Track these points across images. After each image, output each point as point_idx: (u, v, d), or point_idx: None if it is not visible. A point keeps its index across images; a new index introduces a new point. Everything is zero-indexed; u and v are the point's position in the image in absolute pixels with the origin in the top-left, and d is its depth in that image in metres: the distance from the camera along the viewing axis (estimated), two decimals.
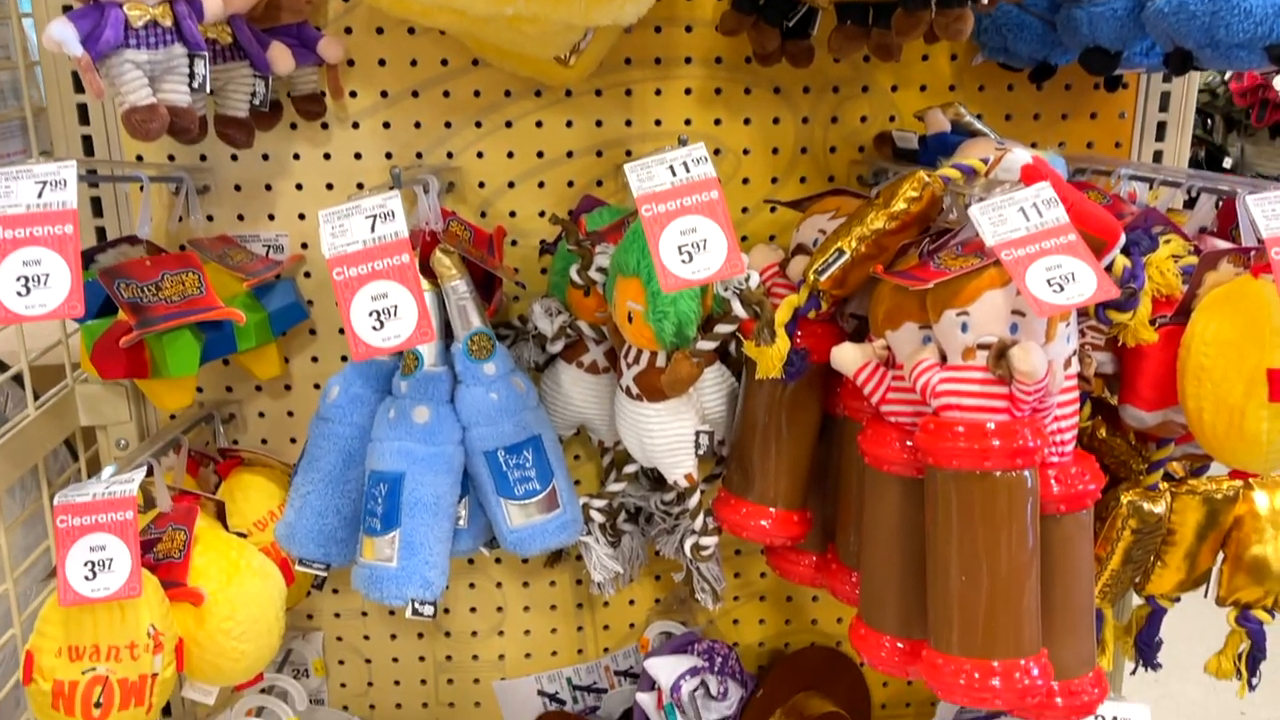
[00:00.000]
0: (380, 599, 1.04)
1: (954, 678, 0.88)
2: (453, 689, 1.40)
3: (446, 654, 1.38)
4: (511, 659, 1.39)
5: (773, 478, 1.10)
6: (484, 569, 1.35)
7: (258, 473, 1.21)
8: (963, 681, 0.87)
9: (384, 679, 1.39)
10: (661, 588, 1.39)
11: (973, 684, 0.87)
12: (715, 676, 1.25)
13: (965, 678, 0.87)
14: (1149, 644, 1.15)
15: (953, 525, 0.88)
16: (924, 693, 1.45)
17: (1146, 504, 1.04)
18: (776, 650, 1.42)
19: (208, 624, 1.01)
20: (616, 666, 1.41)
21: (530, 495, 1.11)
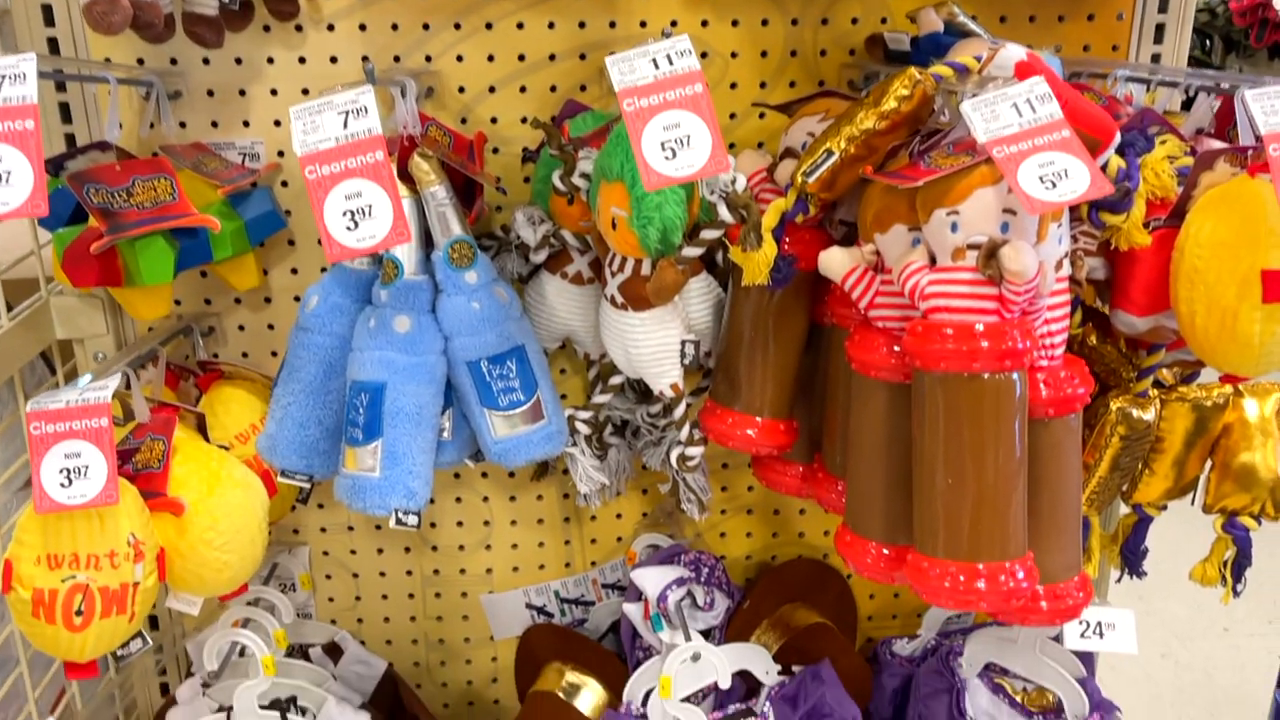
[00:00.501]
0: (363, 509, 1.03)
1: (939, 581, 0.88)
2: (440, 603, 1.40)
3: (434, 568, 1.38)
4: (499, 572, 1.39)
5: (759, 387, 1.09)
6: (470, 483, 1.34)
7: (239, 386, 1.20)
8: (948, 584, 0.87)
9: (371, 593, 1.39)
10: (649, 501, 1.38)
11: (958, 587, 0.87)
12: (702, 587, 1.25)
13: (950, 580, 0.87)
14: (1135, 552, 1.15)
15: (939, 429, 0.87)
16: (910, 604, 1.46)
17: (1135, 411, 1.03)
18: (763, 563, 1.42)
19: (189, 534, 1.00)
20: (604, 580, 1.41)
21: (514, 406, 1.10)
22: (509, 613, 1.41)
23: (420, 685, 1.44)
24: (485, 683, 1.46)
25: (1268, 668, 2.73)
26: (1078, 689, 1.17)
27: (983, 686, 1.28)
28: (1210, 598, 2.78)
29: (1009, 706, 1.26)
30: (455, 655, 1.44)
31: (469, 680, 1.45)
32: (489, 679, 1.45)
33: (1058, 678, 1.19)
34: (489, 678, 1.45)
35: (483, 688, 1.46)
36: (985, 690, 1.27)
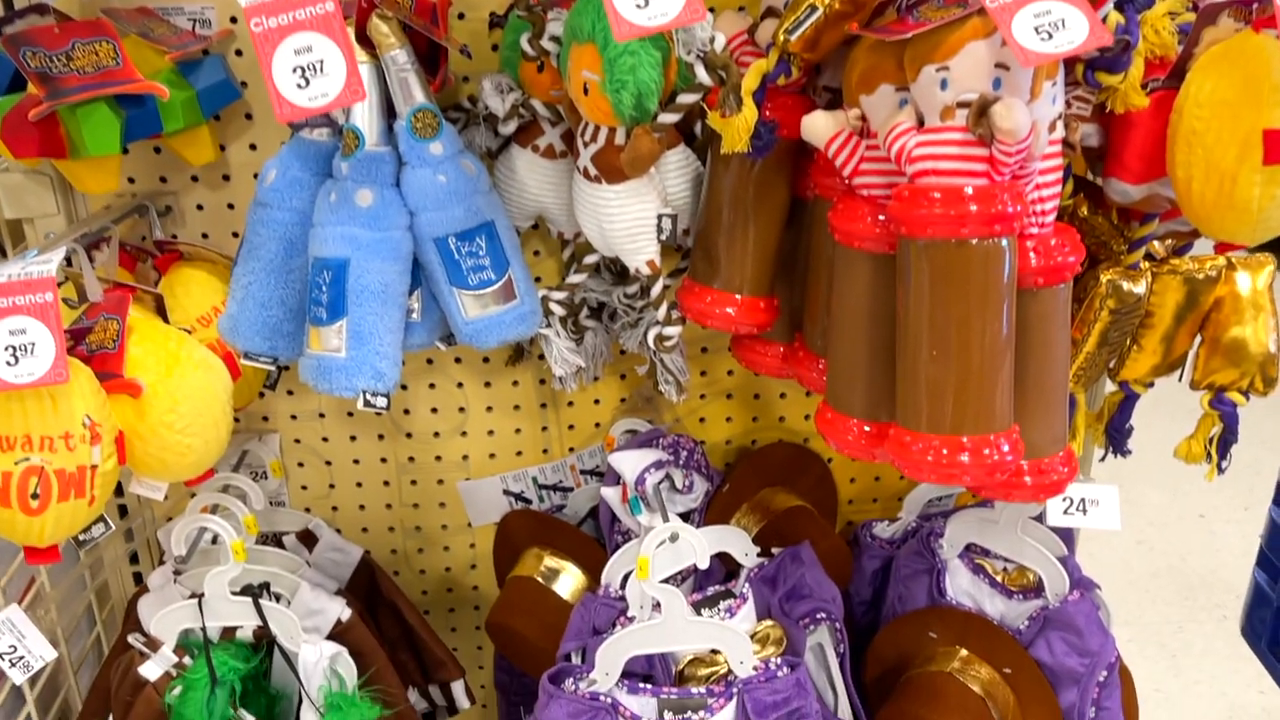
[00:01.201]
0: (329, 390, 1.00)
1: (921, 455, 0.85)
2: (416, 490, 1.38)
3: (409, 455, 1.36)
4: (475, 459, 1.37)
5: (739, 263, 1.05)
6: (444, 369, 1.31)
7: (199, 267, 1.15)
8: (930, 458, 0.85)
9: (345, 481, 1.37)
10: (627, 386, 1.35)
11: (940, 461, 0.85)
12: (680, 470, 1.23)
13: (933, 455, 0.85)
14: (1120, 430, 1.14)
15: (925, 299, 0.84)
16: (891, 487, 1.44)
17: (1126, 283, 1.00)
18: (743, 448, 1.41)
19: (149, 417, 0.97)
20: (582, 465, 1.39)
21: (485, 285, 1.06)
22: (486, 499, 1.39)
23: (398, 573, 1.43)
24: (464, 569, 1.45)
25: (1241, 552, 2.78)
26: (1058, 567, 1.17)
27: (963, 567, 1.27)
28: (1187, 485, 2.82)
29: (989, 586, 1.25)
30: (433, 542, 1.42)
31: (447, 567, 1.44)
32: (467, 565, 1.44)
33: (1039, 557, 1.18)
34: (467, 564, 1.44)
35: (461, 574, 1.45)
36: (966, 571, 1.27)
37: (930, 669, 1.23)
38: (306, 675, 1.12)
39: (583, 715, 1.03)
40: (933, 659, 1.24)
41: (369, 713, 1.12)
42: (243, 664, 1.14)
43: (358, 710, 1.11)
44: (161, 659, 1.10)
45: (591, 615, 1.16)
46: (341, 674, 1.13)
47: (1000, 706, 1.19)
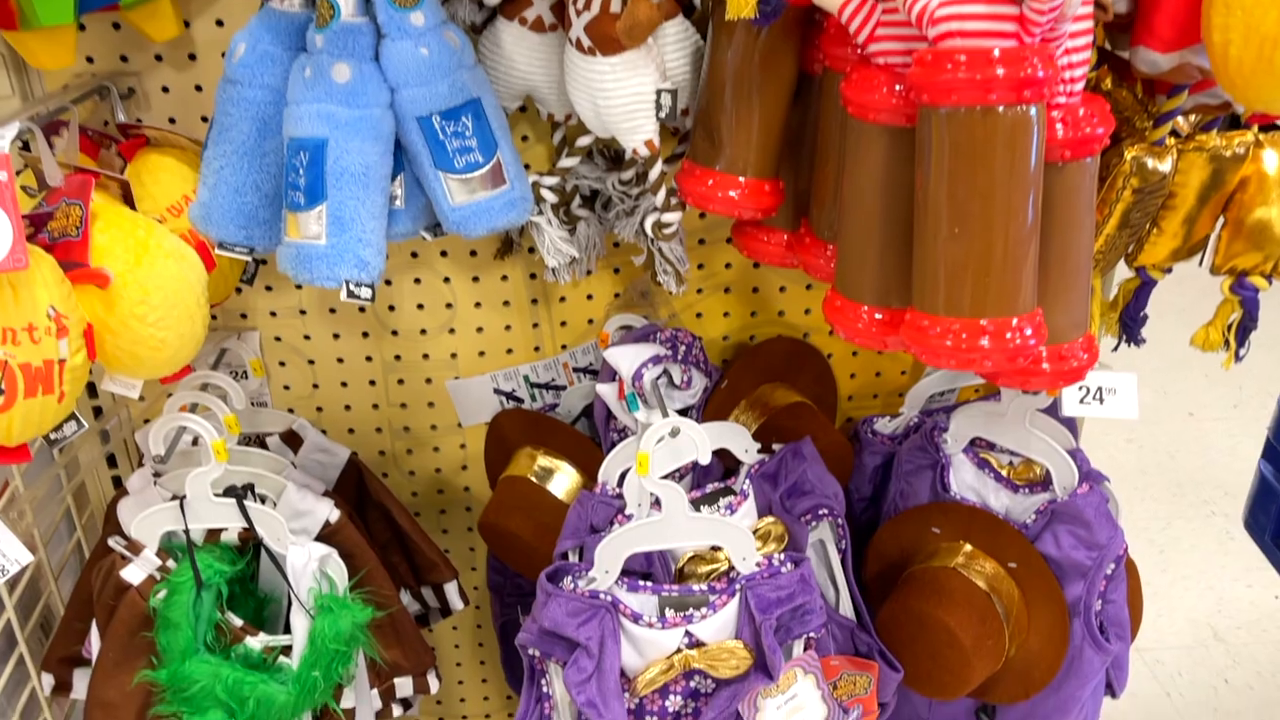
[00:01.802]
0: (310, 280, 0.95)
1: (940, 339, 0.81)
2: (404, 389, 1.34)
3: (395, 354, 1.31)
4: (464, 357, 1.32)
5: (742, 143, 0.99)
6: (430, 263, 1.25)
7: (167, 153, 1.08)
8: (949, 343, 0.81)
9: (329, 380, 1.32)
10: (620, 281, 1.30)
11: (960, 345, 0.80)
12: (679, 365, 1.19)
13: (952, 339, 0.80)
14: (1135, 319, 1.10)
15: (946, 173, 0.78)
16: (892, 383, 1.41)
17: (1151, 160, 0.94)
18: (741, 344, 1.36)
19: (118, 309, 0.91)
20: (575, 363, 1.34)
21: (472, 169, 1.00)
22: (476, 399, 1.35)
23: (386, 474, 1.39)
24: (454, 470, 1.41)
25: (1229, 450, 2.78)
26: (1067, 460, 1.14)
27: (967, 461, 1.24)
28: (1176, 383, 2.78)
29: (994, 481, 1.23)
30: (422, 443, 1.38)
31: (437, 468, 1.40)
32: (458, 466, 1.41)
33: (1047, 449, 1.15)
34: (458, 465, 1.40)
35: (452, 475, 1.41)
36: (970, 465, 1.24)
37: (934, 564, 1.21)
38: (295, 578, 1.08)
39: (582, 614, 1.01)
40: (936, 554, 1.22)
41: (361, 615, 1.09)
42: (228, 567, 1.10)
43: (349, 613, 1.08)
44: (144, 562, 1.06)
45: (589, 513, 1.12)
46: (332, 576, 1.10)
47: (1005, 601, 1.17)
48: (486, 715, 1.62)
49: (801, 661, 1.07)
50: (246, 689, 1.07)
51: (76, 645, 1.16)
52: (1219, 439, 2.82)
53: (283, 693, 1.07)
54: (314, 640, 1.07)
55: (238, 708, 1.07)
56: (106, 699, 1.07)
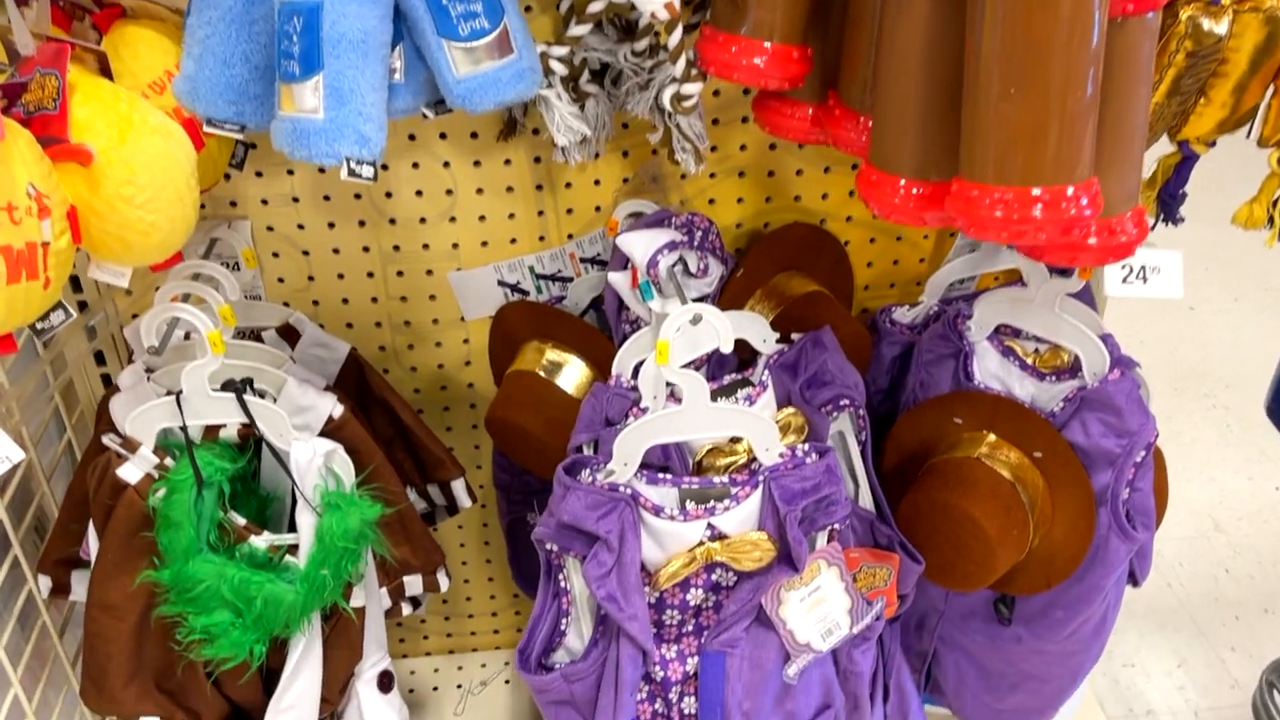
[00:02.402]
0: (308, 157, 0.88)
1: (990, 210, 0.76)
2: (403, 282, 1.28)
3: (394, 244, 1.25)
4: (466, 248, 1.26)
5: (768, 5, 0.92)
6: (428, 146, 1.19)
7: (145, 25, 1.00)
8: (999, 214, 0.76)
9: (325, 272, 1.26)
10: (630, 165, 1.24)
11: (1011, 215, 0.75)
12: (695, 252, 1.13)
13: (1004, 209, 0.75)
14: (1174, 196, 1.05)
15: (1002, 23, 0.72)
16: (909, 271, 1.36)
17: (1207, 21, 0.88)
18: (755, 232, 1.31)
19: (103, 189, 0.85)
20: (582, 253, 1.29)
21: (478, 36, 0.93)
22: (480, 291, 1.29)
23: (388, 371, 1.34)
24: (458, 365, 1.36)
25: (1230, 343, 2.76)
26: (1099, 345, 1.10)
27: (992, 349, 1.20)
28: None
29: (1019, 369, 1.19)
30: (424, 338, 1.33)
31: (440, 364, 1.36)
32: (462, 362, 1.36)
33: (1078, 334, 1.11)
34: (462, 360, 1.36)
35: (455, 371, 1.36)
36: (994, 353, 1.20)
37: (956, 455, 1.17)
38: (300, 474, 1.04)
39: (602, 507, 0.97)
40: (958, 445, 1.19)
41: (369, 511, 1.05)
42: (229, 464, 1.06)
43: (357, 509, 1.04)
44: (141, 460, 1.01)
45: (604, 406, 1.08)
46: (338, 472, 1.05)
47: (1030, 491, 1.14)
48: (493, 614, 1.60)
49: (825, 554, 1.05)
50: (253, 588, 1.03)
51: (73, 547, 1.12)
52: (1220, 332, 2.79)
53: (290, 592, 1.04)
54: (322, 538, 1.03)
55: (244, 608, 1.04)
56: (108, 600, 1.04)
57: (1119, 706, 1.79)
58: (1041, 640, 1.23)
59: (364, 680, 1.17)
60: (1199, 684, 1.84)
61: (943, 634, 1.33)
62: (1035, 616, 1.22)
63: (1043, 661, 1.26)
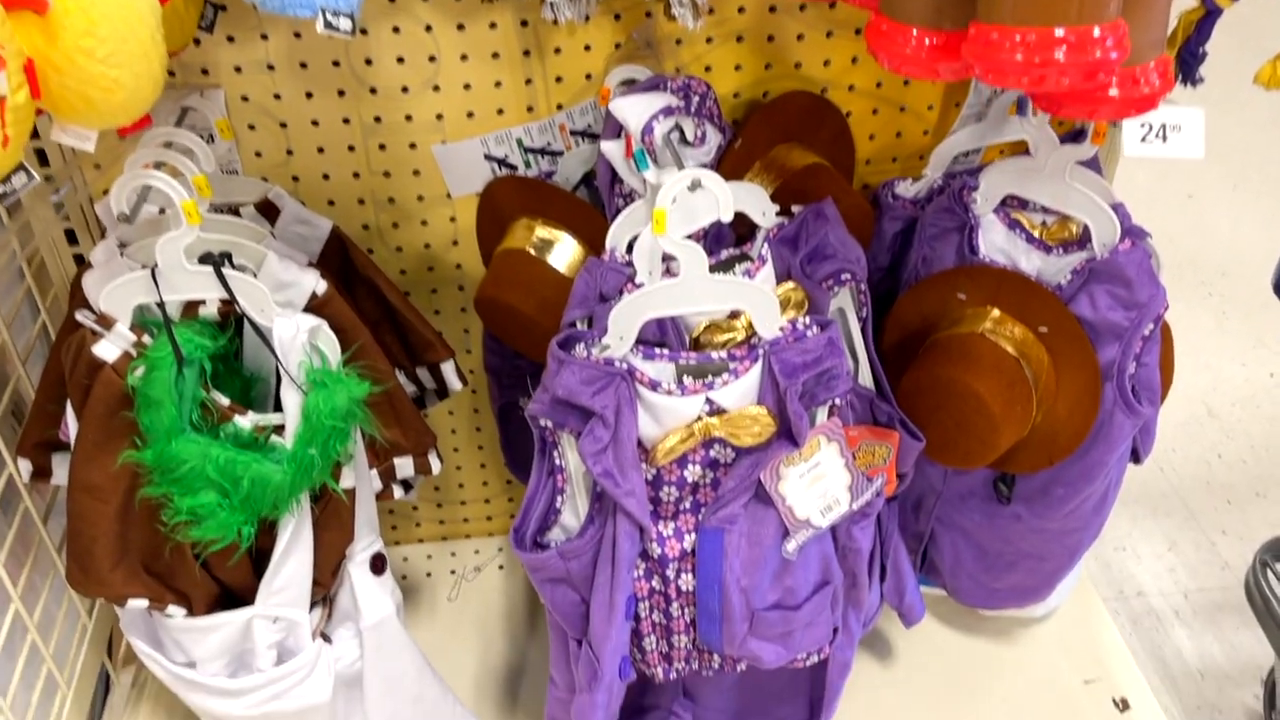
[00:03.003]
0: (280, 8, 0.83)
1: (1010, 54, 0.71)
2: (386, 156, 1.23)
3: (375, 115, 1.19)
4: (451, 119, 1.20)
5: None
6: (409, 9, 1.12)
7: None
8: (1020, 57, 0.71)
9: (304, 146, 1.21)
10: (622, 29, 1.17)
11: (1032, 59, 0.71)
12: (692, 119, 1.08)
13: (1024, 52, 0.71)
14: (1194, 54, 1.00)
15: None
16: (912, 144, 1.31)
17: None
18: (754, 101, 1.25)
19: (62, 40, 0.79)
20: (573, 125, 1.23)
21: None
22: (466, 165, 1.24)
23: (372, 250, 1.30)
24: (445, 245, 1.31)
25: (1228, 231, 2.73)
26: (1109, 214, 1.06)
27: (998, 222, 1.16)
28: (1177, 165, 2.69)
29: (1025, 242, 1.15)
30: (409, 216, 1.28)
31: (426, 243, 1.31)
32: (449, 241, 1.31)
33: (1088, 204, 1.07)
34: (448, 239, 1.31)
35: (442, 250, 1.32)
36: (1000, 226, 1.16)
37: (959, 331, 1.15)
38: (284, 352, 1.00)
39: (597, 381, 0.94)
40: (961, 320, 1.16)
41: (357, 389, 1.01)
42: (210, 342, 1.02)
43: (344, 386, 1.01)
44: (117, 337, 0.97)
45: (598, 281, 1.04)
46: (323, 349, 1.02)
47: (1034, 366, 1.12)
48: (486, 500, 1.59)
49: (825, 429, 1.02)
50: (239, 468, 1.00)
51: (52, 429, 1.09)
52: (1218, 221, 2.76)
53: (278, 472, 1.01)
54: (309, 417, 1.00)
55: (231, 488, 1.01)
56: (90, 482, 1.01)
57: (1109, 589, 1.81)
58: (1041, 519, 1.22)
59: (356, 563, 1.15)
60: (1189, 566, 1.85)
61: (940, 515, 1.32)
62: (1035, 494, 1.21)
63: (1041, 540, 1.25)
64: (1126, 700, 1.35)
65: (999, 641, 1.45)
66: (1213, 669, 1.68)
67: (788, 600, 1.07)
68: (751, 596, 1.04)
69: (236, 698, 1.13)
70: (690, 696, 1.18)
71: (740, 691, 1.20)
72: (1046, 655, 1.42)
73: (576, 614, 1.05)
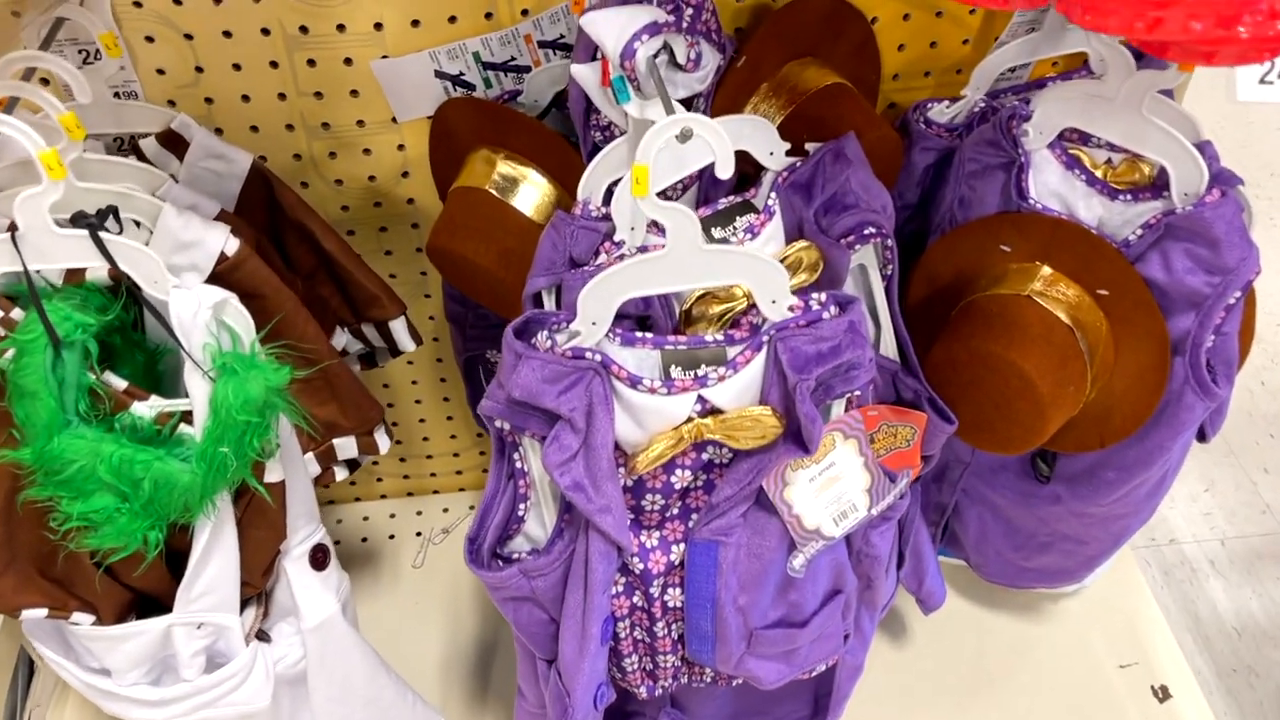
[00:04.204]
0: None
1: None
2: (317, 73, 1.02)
3: (300, 24, 0.98)
4: (393, 29, 0.99)
5: None
6: None
7: None
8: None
9: (217, 62, 1.00)
10: None
11: None
12: (683, 37, 0.87)
13: None
14: None
15: None
16: (950, 55, 1.10)
17: None
18: (760, 7, 1.03)
19: None
20: (541, 35, 1.02)
21: None
22: (414, 85, 1.03)
23: (307, 184, 1.10)
24: (393, 177, 1.11)
25: (1277, 128, 2.50)
26: (1195, 157, 0.86)
27: (1053, 160, 0.97)
28: None
29: (1085, 184, 0.96)
30: (348, 144, 1.08)
31: (371, 176, 1.11)
32: (397, 173, 1.11)
33: (1169, 143, 0.87)
34: (397, 171, 1.11)
35: (390, 184, 1.12)
36: (1056, 165, 0.96)
37: (1001, 291, 0.96)
38: (184, 332, 0.82)
39: (564, 379, 0.76)
40: (1004, 279, 0.97)
41: (275, 376, 0.83)
42: (95, 318, 0.84)
43: (259, 373, 0.83)
44: None
45: (566, 241, 0.86)
46: (232, 327, 0.84)
47: (1091, 336, 0.94)
48: (455, 454, 1.42)
49: (842, 424, 0.85)
50: (138, 468, 0.83)
51: None
52: (1268, 116, 2.53)
53: (185, 472, 0.84)
54: (217, 410, 0.82)
55: (130, 491, 0.84)
56: None
57: (1139, 536, 1.66)
58: (1085, 502, 1.06)
59: (292, 558, 0.99)
60: (1227, 509, 1.70)
61: (967, 487, 1.16)
62: (1080, 476, 1.05)
63: (1082, 524, 1.09)
64: (1167, 688, 1.21)
65: (1023, 618, 1.31)
66: (1250, 626, 1.55)
67: (793, 616, 0.92)
68: (750, 615, 0.89)
69: (159, 708, 1.00)
70: (679, 706, 1.04)
71: (735, 695, 1.07)
72: (1077, 635, 1.28)
73: (545, 634, 0.90)
